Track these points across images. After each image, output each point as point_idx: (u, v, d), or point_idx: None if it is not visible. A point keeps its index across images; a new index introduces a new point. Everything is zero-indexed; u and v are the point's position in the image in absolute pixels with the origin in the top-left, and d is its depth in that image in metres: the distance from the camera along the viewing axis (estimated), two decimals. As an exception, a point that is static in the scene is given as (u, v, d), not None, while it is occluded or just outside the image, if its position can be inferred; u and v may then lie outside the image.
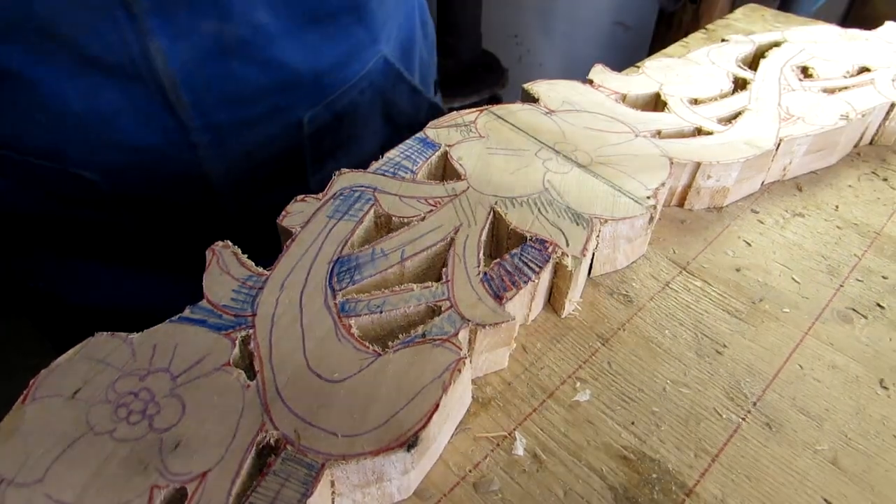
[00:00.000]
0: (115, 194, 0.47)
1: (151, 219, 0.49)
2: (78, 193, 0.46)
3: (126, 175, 0.46)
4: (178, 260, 0.50)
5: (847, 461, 0.29)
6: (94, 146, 0.44)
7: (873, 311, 0.37)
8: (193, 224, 0.51)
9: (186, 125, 0.45)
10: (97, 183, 0.45)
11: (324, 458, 0.25)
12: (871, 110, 0.47)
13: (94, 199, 0.47)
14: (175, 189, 0.48)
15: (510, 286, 0.32)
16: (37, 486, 0.24)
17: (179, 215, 0.50)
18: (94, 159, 0.45)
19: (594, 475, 0.28)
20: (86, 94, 0.42)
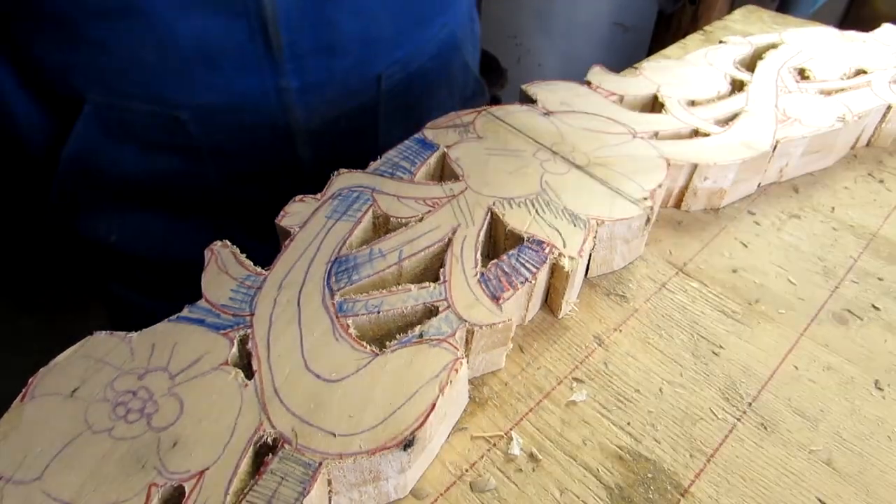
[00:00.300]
0: (203, 137, 0.49)
1: (231, 165, 0.52)
2: (168, 137, 0.49)
3: (217, 117, 0.49)
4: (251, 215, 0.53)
5: (842, 462, 0.30)
6: (193, 87, 0.47)
7: (868, 313, 0.37)
8: (270, 176, 0.53)
9: (280, 69, 0.47)
10: (189, 124, 0.48)
11: (321, 457, 0.25)
12: (867, 112, 0.47)
13: (182, 144, 0.49)
14: (259, 136, 0.50)
15: (507, 287, 0.32)
16: (35, 484, 0.24)
17: (258, 164, 0.52)
18: (191, 101, 0.47)
19: (590, 475, 0.29)
20: (194, 32, 0.44)
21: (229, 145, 0.50)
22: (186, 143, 0.49)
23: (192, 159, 0.51)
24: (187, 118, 0.48)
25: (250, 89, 0.48)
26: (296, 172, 0.54)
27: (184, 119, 0.48)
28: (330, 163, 0.51)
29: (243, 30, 0.45)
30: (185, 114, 0.48)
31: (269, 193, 0.52)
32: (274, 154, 0.52)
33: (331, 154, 0.54)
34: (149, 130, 0.48)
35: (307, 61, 0.48)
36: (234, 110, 0.48)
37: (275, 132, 0.50)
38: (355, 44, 0.50)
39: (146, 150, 0.50)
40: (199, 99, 0.47)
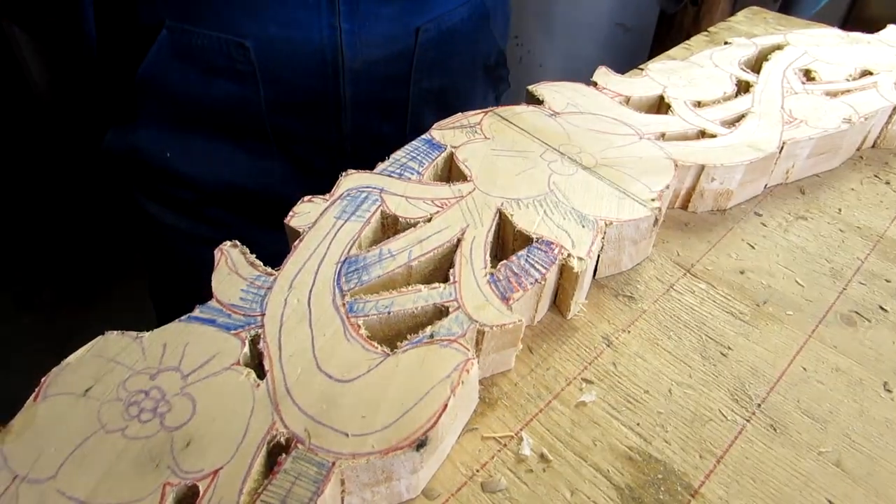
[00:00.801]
0: (262, 64, 0.55)
1: (282, 93, 0.57)
2: (231, 63, 0.54)
3: (277, 47, 0.54)
4: (292, 144, 0.61)
5: (851, 463, 0.30)
6: (260, 17, 0.53)
7: (876, 314, 0.37)
8: (314, 107, 0.59)
9: (336, 9, 0.53)
10: (251, 51, 0.54)
11: (334, 457, 0.25)
12: (873, 114, 0.48)
13: (242, 70, 0.55)
14: (310, 68, 0.56)
15: (517, 287, 0.32)
16: (50, 483, 0.24)
17: (305, 94, 0.57)
18: (256, 30, 0.53)
19: (600, 475, 0.29)
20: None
21: (283, 74, 0.56)
22: (246, 69, 0.55)
23: (249, 85, 0.56)
24: (251, 46, 0.53)
25: (309, 24, 0.53)
26: (336, 107, 0.59)
27: (247, 46, 0.53)
28: (366, 102, 0.60)
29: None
30: (251, 42, 0.53)
31: (310, 125, 0.60)
32: (320, 87, 0.57)
33: (367, 94, 0.59)
34: (215, 55, 0.54)
35: (359, 5, 0.54)
36: (292, 42, 0.54)
37: (323, 66, 0.56)
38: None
39: (209, 74, 0.55)
40: (264, 29, 0.53)
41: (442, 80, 0.64)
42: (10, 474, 0.24)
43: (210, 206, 0.64)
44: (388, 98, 0.61)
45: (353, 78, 0.57)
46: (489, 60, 0.69)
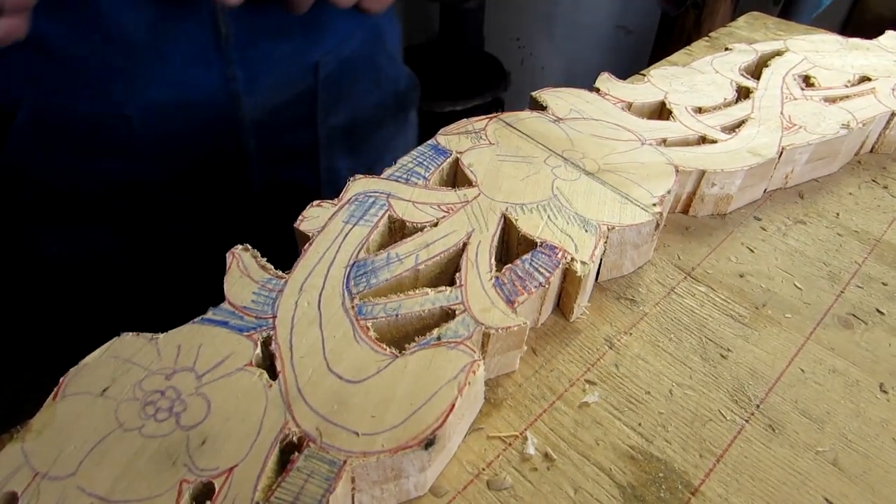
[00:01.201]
0: (149, 135, 0.48)
1: (176, 164, 0.51)
2: (111, 138, 0.47)
3: (165, 113, 0.48)
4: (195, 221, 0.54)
5: (848, 462, 0.30)
6: (141, 82, 0.46)
7: (873, 317, 0.38)
8: (214, 173, 0.53)
9: (228, 58, 0.47)
10: (134, 122, 0.47)
11: (345, 455, 0.26)
12: (871, 119, 0.48)
13: (126, 145, 0.48)
14: (206, 129, 0.50)
15: (522, 291, 0.33)
16: (70, 480, 0.25)
17: (203, 161, 0.52)
18: (139, 97, 0.46)
19: (603, 474, 0.29)
20: (143, 23, 0.43)
21: (175, 140, 0.49)
22: (130, 143, 0.48)
23: (135, 160, 0.49)
24: (132, 115, 0.46)
25: (198, 80, 0.47)
26: (241, 165, 0.53)
27: (128, 115, 0.46)
28: (273, 153, 0.54)
29: (194, 18, 0.45)
30: (131, 110, 0.46)
31: (213, 189, 0.53)
32: (220, 147, 0.51)
33: (273, 144, 0.54)
34: (91, 132, 0.46)
35: (253, 49, 0.48)
36: (182, 104, 0.48)
37: (221, 124, 0.50)
38: (295, 28, 0.51)
39: (85, 154, 0.47)
40: (148, 94, 0.46)
41: (350, 115, 0.59)
42: (31, 471, 0.25)
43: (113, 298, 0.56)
44: (296, 144, 0.56)
45: (255, 130, 0.52)
46: (399, 85, 0.65)
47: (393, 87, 0.63)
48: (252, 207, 0.56)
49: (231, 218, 0.56)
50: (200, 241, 0.54)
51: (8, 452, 0.26)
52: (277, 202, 0.56)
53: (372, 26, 0.58)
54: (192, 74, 0.47)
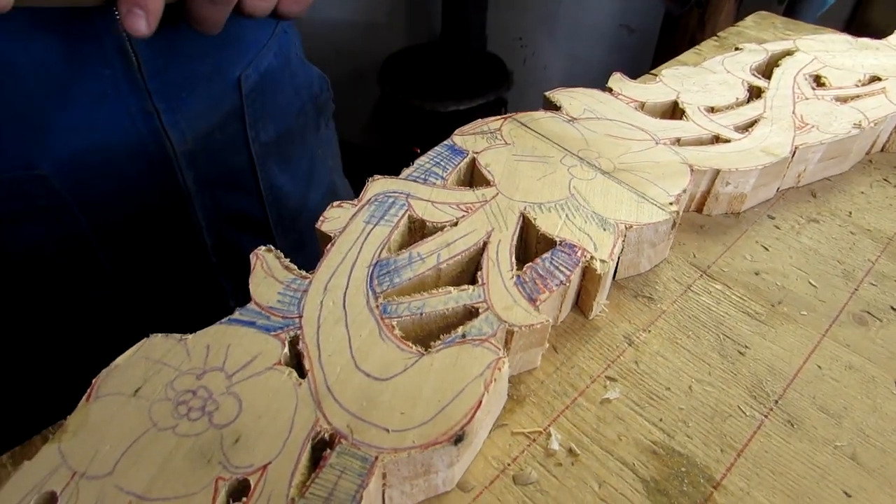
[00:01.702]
0: (70, 190, 0.43)
1: (109, 216, 0.47)
2: (26, 203, 0.42)
3: (83, 162, 0.43)
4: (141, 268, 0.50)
5: (865, 456, 0.31)
6: (48, 134, 0.41)
7: (888, 314, 0.39)
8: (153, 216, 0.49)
9: (143, 90, 0.43)
10: (51, 180, 0.42)
11: (377, 452, 0.26)
12: (883, 119, 0.49)
13: (46, 207, 0.43)
14: (134, 172, 0.46)
15: (543, 289, 0.33)
16: (107, 479, 0.25)
17: (138, 206, 0.48)
18: (49, 152, 0.41)
19: (626, 469, 0.30)
20: (37, 64, 0.38)
21: (103, 191, 0.45)
22: (52, 204, 0.43)
23: (62, 221, 0.44)
24: (49, 172, 0.41)
25: (117, 119, 0.43)
26: (180, 202, 0.50)
27: (44, 174, 0.41)
28: (211, 182, 0.50)
29: (96, 50, 0.40)
30: (46, 167, 0.41)
31: (156, 235, 0.49)
32: (153, 189, 0.47)
33: (210, 172, 0.51)
34: (4, 201, 0.41)
35: (169, 75, 0.44)
36: (102, 149, 0.43)
37: (150, 164, 0.46)
38: (211, 45, 0.47)
39: (6, 223, 0.43)
40: (60, 145, 0.41)
41: (277, 128, 0.56)
42: (69, 471, 0.26)
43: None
44: (232, 168, 0.53)
45: (188, 162, 0.48)
46: (313, 88, 0.62)
47: (307, 90, 0.61)
48: (201, 242, 0.53)
49: (183, 258, 0.53)
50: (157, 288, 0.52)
51: (45, 453, 0.26)
52: (227, 232, 0.54)
53: (280, 32, 0.56)
54: (105, 115, 0.42)
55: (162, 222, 0.50)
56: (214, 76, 0.48)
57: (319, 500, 0.25)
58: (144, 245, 0.50)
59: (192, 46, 0.46)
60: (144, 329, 0.31)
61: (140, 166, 0.46)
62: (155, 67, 0.43)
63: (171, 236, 0.51)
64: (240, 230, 0.54)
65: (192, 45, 0.46)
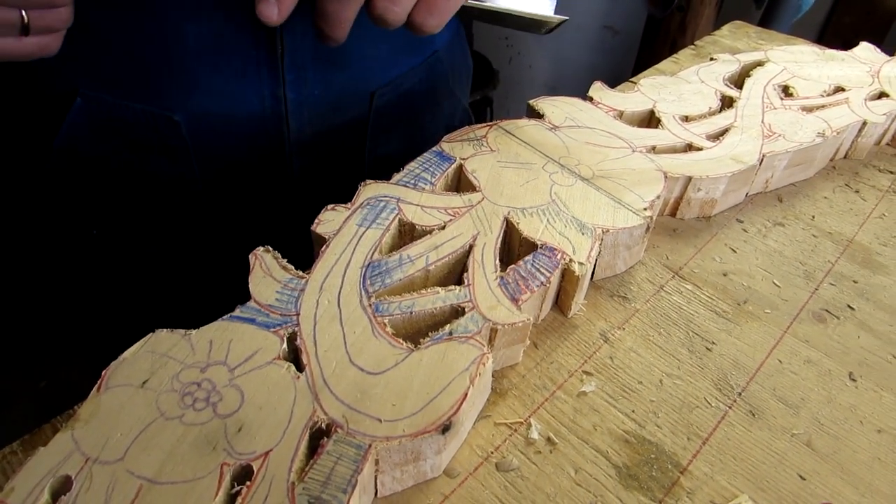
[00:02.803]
0: (195, 140, 0.49)
1: (220, 172, 0.52)
2: (159, 138, 0.49)
3: (212, 121, 0.49)
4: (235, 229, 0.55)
5: (820, 443, 0.34)
6: (192, 89, 0.47)
7: (844, 312, 0.41)
8: (256, 186, 0.54)
9: (280, 78, 0.48)
10: (182, 126, 0.48)
11: (370, 440, 0.28)
12: (845, 128, 0.52)
13: (173, 146, 0.49)
14: (251, 144, 0.51)
15: (525, 289, 0.36)
16: (119, 464, 0.27)
17: (246, 173, 0.53)
18: (188, 103, 0.47)
19: (601, 456, 0.32)
20: (201, 33, 0.44)
21: (220, 151, 0.51)
22: (177, 145, 0.49)
23: (181, 162, 0.50)
24: (181, 120, 0.48)
25: (249, 96, 0.48)
26: (282, 185, 0.54)
27: (177, 120, 0.48)
28: (316, 176, 0.54)
29: (249, 35, 0.45)
30: (180, 115, 0.48)
31: (255, 204, 0.54)
32: (263, 164, 0.52)
33: (318, 167, 0.54)
34: (140, 129, 0.48)
35: (306, 72, 0.49)
36: (229, 116, 0.49)
37: (267, 141, 0.51)
38: (353, 59, 0.51)
39: (135, 149, 0.49)
40: (197, 102, 0.48)
41: (400, 146, 0.59)
42: (82, 457, 0.27)
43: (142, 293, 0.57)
44: (341, 171, 0.56)
45: (300, 152, 0.52)
46: (453, 120, 0.65)
47: (446, 121, 0.64)
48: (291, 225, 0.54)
49: (267, 227, 0.56)
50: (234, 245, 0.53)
51: (59, 440, 0.28)
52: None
53: (435, 63, 0.58)
54: (242, 90, 0.48)
55: (263, 194, 0.54)
56: (347, 86, 0.52)
57: (318, 484, 0.27)
58: (243, 207, 0.54)
59: (334, 52, 0.49)
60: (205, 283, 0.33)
61: (256, 141, 0.50)
62: (295, 61, 0.48)
63: (267, 207, 0.55)
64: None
65: (333, 52, 0.49)
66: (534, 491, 0.31)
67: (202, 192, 0.53)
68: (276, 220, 0.55)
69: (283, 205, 0.55)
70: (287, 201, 0.55)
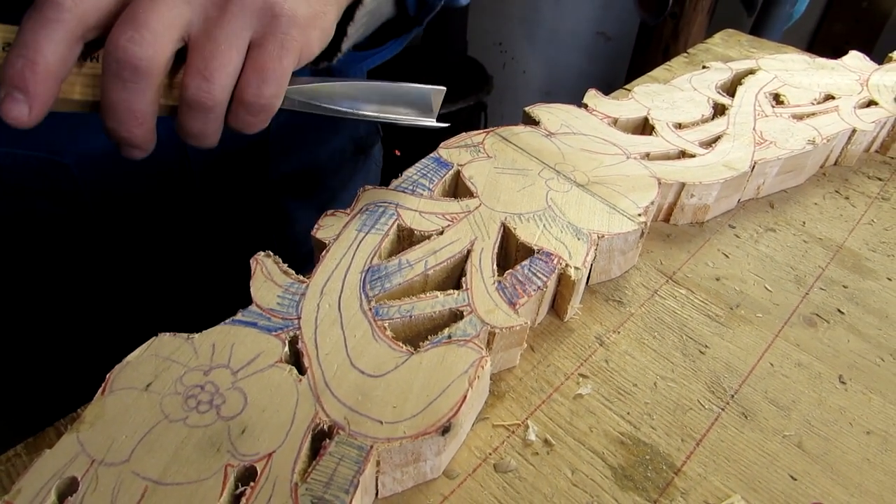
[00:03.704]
0: (88, 182, 0.46)
1: (119, 215, 0.49)
2: (47, 183, 0.46)
3: (104, 162, 0.46)
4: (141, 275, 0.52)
5: (810, 444, 0.34)
6: (78, 130, 0.44)
7: (834, 317, 0.42)
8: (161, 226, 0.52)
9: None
10: (73, 168, 0.45)
11: (372, 441, 0.29)
12: (835, 136, 0.53)
13: (63, 190, 0.46)
14: (151, 179, 0.48)
15: (522, 294, 0.36)
16: (124, 466, 0.28)
17: (149, 214, 0.50)
18: (76, 145, 0.44)
19: (597, 457, 0.33)
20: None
21: (117, 188, 0.48)
22: (68, 189, 0.46)
23: (76, 208, 0.48)
24: (70, 163, 0.45)
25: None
26: (189, 217, 0.52)
27: (66, 163, 0.45)
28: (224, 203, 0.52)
29: None
30: (69, 158, 0.45)
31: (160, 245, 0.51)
32: (164, 196, 0.50)
33: (224, 193, 0.53)
34: (24, 176, 0.45)
35: None
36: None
37: (167, 175, 0.49)
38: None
39: (21, 196, 0.46)
40: (85, 142, 0.45)
41: (303, 162, 0.57)
42: (88, 459, 0.28)
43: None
44: (245, 192, 0.54)
45: (204, 176, 0.50)
46: (358, 131, 0.62)
47: (351, 132, 0.62)
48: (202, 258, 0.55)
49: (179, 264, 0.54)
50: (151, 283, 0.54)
51: (65, 442, 0.28)
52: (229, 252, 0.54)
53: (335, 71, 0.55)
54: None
55: (166, 226, 0.52)
56: None
57: (320, 484, 0.27)
58: (148, 245, 0.52)
59: None
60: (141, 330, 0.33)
61: (158, 172, 0.48)
62: None
63: (173, 242, 0.54)
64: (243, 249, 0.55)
65: None
66: (531, 492, 0.31)
67: (100, 233, 0.50)
68: (185, 246, 0.54)
69: (189, 236, 0.54)
70: (194, 239, 0.54)
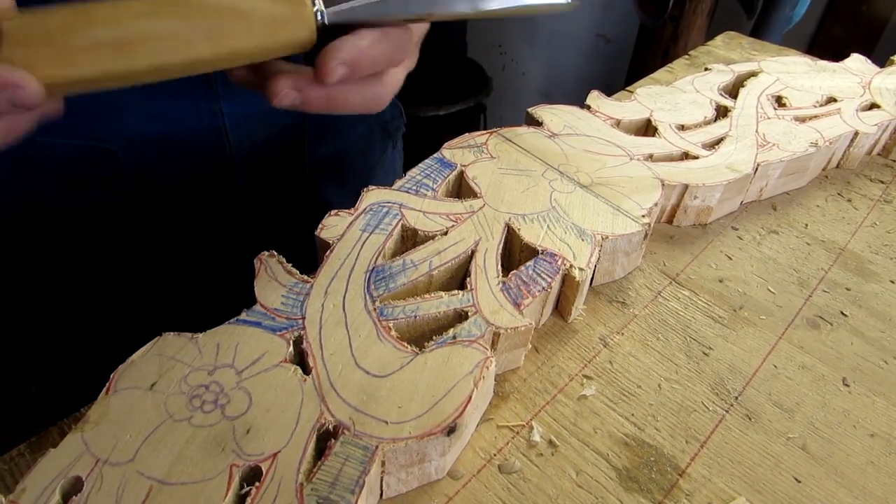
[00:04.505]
0: (135, 167, 0.48)
1: (165, 196, 0.51)
2: (95, 171, 0.47)
3: (148, 146, 0.47)
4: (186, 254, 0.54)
5: (814, 447, 0.34)
6: (124, 116, 0.45)
7: (838, 319, 0.42)
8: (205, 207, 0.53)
9: (213, 92, 0.47)
10: (119, 155, 0.47)
11: (377, 442, 0.29)
12: (837, 138, 0.53)
13: (112, 177, 0.48)
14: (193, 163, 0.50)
15: (527, 294, 0.36)
16: (129, 465, 0.28)
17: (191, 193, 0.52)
18: (122, 130, 0.46)
19: (601, 458, 0.33)
20: None
21: (163, 177, 0.50)
22: (116, 175, 0.48)
23: (122, 192, 0.49)
24: (118, 149, 0.46)
25: (184, 115, 0.47)
26: (231, 199, 0.54)
27: (114, 150, 0.46)
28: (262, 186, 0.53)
29: None
30: (116, 144, 0.46)
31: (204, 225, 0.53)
32: (208, 181, 0.51)
33: (262, 176, 0.54)
34: (74, 164, 0.46)
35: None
36: (167, 137, 0.48)
37: (208, 159, 0.50)
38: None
39: (72, 186, 0.48)
40: (130, 128, 0.46)
41: (336, 146, 0.59)
42: (92, 458, 0.28)
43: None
44: (284, 177, 0.56)
45: (243, 164, 0.52)
46: (384, 115, 0.64)
47: (378, 116, 0.63)
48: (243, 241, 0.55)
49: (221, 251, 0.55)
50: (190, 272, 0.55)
51: (69, 441, 0.28)
52: (268, 232, 0.56)
53: None
54: (178, 109, 0.47)
55: (211, 212, 0.54)
56: None
57: (326, 484, 0.27)
58: (191, 228, 0.54)
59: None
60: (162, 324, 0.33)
61: (198, 160, 0.50)
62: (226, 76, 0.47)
63: (217, 227, 0.55)
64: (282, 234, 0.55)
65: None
66: (536, 493, 0.31)
67: (147, 219, 0.52)
68: (226, 235, 0.55)
69: (232, 219, 0.55)
70: (236, 217, 0.55)
